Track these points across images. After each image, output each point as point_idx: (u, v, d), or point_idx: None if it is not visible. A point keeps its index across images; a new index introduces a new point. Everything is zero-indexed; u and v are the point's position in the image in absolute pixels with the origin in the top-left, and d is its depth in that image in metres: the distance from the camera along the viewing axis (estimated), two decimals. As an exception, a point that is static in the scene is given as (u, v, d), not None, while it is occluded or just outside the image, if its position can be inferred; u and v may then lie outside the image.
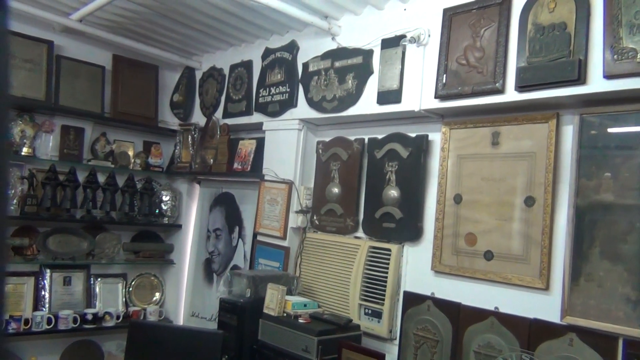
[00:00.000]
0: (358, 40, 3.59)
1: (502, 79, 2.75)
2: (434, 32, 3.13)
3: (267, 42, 4.38)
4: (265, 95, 4.27)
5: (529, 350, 2.63)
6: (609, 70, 2.36)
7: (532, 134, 2.80)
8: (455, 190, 3.10)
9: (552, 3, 2.60)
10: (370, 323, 3.39)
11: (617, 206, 2.45)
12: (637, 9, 2.32)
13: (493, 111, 2.95)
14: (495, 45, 2.81)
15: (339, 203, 3.76)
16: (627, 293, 2.37)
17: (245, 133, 4.67)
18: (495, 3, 2.84)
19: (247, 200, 4.62)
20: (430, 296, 3.15)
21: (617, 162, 2.46)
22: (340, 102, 3.63)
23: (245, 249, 4.56)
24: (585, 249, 2.53)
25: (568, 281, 2.55)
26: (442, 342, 3.04)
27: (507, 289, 2.82)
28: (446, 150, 3.16)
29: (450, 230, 3.09)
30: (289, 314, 3.27)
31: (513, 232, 2.82)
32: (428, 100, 3.10)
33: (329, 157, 3.87)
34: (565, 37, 2.54)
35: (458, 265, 3.04)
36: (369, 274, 3.45)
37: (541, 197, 2.72)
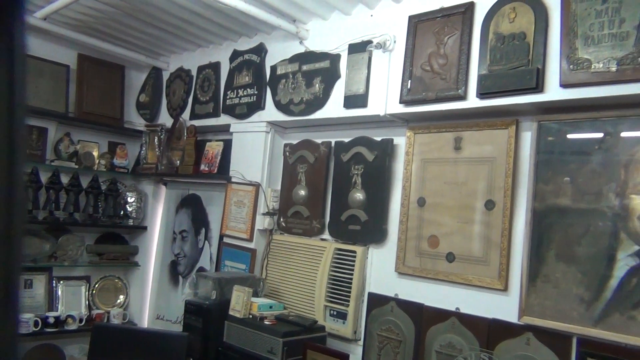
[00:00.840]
0: (325, 44, 3.63)
1: (464, 85, 2.83)
2: (400, 38, 3.20)
3: (235, 44, 4.39)
4: (232, 97, 4.27)
5: (488, 350, 2.71)
6: (565, 80, 2.46)
7: (493, 140, 2.88)
8: (419, 193, 3.17)
9: (513, 13, 2.70)
10: (335, 324, 3.43)
11: (572, 210, 2.54)
12: (592, 21, 2.42)
13: (456, 117, 3.03)
14: (458, 52, 2.89)
15: (306, 205, 3.79)
16: (581, 294, 2.47)
17: (213, 135, 4.66)
18: (459, 12, 2.92)
19: (214, 202, 4.61)
20: (394, 297, 3.21)
21: (572, 168, 2.56)
22: (308, 105, 3.66)
23: (212, 251, 4.55)
24: (542, 251, 2.62)
25: (525, 282, 2.64)
26: (405, 342, 3.10)
27: (467, 290, 2.90)
28: (410, 154, 3.22)
29: (413, 233, 3.16)
30: (254, 316, 3.28)
31: (474, 235, 2.90)
32: (393, 105, 3.17)
33: (296, 159, 3.90)
34: (524, 47, 2.63)
35: (421, 266, 3.10)
36: (334, 275, 3.49)
37: (501, 201, 2.81)
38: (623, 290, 2.34)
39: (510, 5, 2.71)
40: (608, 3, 2.38)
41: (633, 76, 2.27)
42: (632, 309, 2.31)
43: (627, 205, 2.37)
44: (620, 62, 2.30)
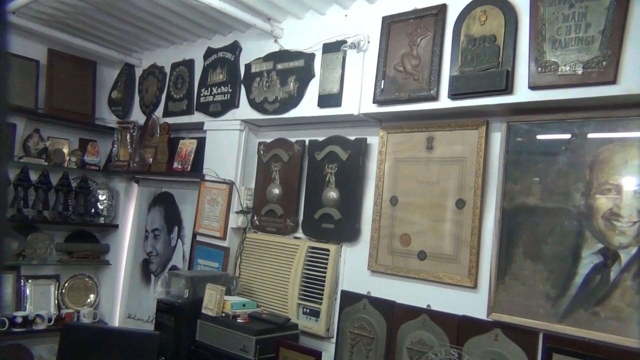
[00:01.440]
0: (300, 43, 3.64)
1: (436, 86, 2.88)
2: (374, 38, 3.23)
3: (210, 42, 4.37)
4: (207, 94, 4.25)
5: (458, 346, 2.76)
6: (533, 82, 2.53)
7: (464, 140, 2.94)
8: (392, 192, 3.20)
9: (484, 16, 2.75)
10: (308, 322, 3.45)
11: (540, 209, 2.61)
12: (560, 25, 2.49)
13: (428, 117, 3.07)
14: (430, 54, 2.94)
15: (280, 204, 3.80)
16: (547, 291, 2.53)
17: (186, 132, 4.63)
18: (431, 14, 2.96)
19: (187, 200, 4.58)
20: (367, 295, 3.24)
21: (540, 168, 2.63)
22: (282, 104, 3.67)
23: (184, 250, 4.52)
24: (510, 249, 2.68)
25: (494, 280, 2.70)
26: (376, 339, 3.13)
27: (438, 288, 2.95)
28: (384, 154, 3.26)
29: (386, 231, 3.20)
30: (227, 314, 3.28)
31: (445, 233, 2.95)
32: (367, 104, 3.20)
33: (270, 158, 3.90)
34: (494, 49, 2.68)
35: (393, 264, 3.14)
36: (307, 273, 3.50)
37: (471, 200, 2.86)
38: (587, 287, 2.42)
39: (481, 8, 2.76)
40: (575, 8, 2.44)
41: (598, 79, 2.34)
42: (595, 305, 2.38)
43: (592, 204, 2.45)
44: (586, 65, 2.37)
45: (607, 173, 2.42)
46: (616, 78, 2.30)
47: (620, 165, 2.39)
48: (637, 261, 2.30)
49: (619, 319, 2.31)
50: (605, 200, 2.42)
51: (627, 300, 2.31)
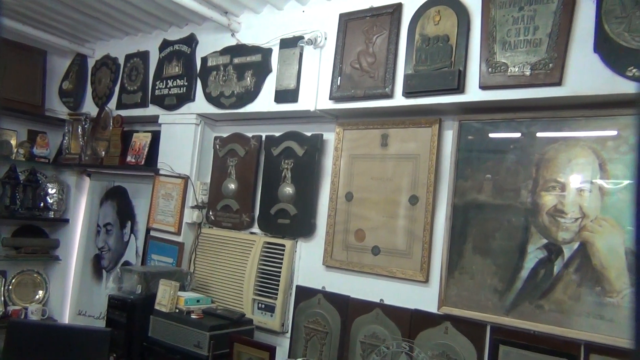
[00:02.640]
0: (257, 38, 3.62)
1: (391, 84, 2.92)
2: (330, 35, 3.24)
3: (165, 34, 4.30)
4: (162, 87, 4.18)
5: (410, 339, 2.82)
6: (483, 82, 2.60)
7: (417, 137, 2.99)
8: (347, 188, 3.24)
9: (437, 16, 2.80)
10: (263, 317, 3.45)
11: (488, 205, 2.69)
12: (509, 27, 2.56)
13: (383, 114, 3.12)
14: (386, 52, 2.98)
15: (235, 199, 3.78)
16: (495, 284, 2.62)
17: (140, 125, 4.54)
18: (387, 12, 3.00)
19: (141, 194, 4.50)
20: (321, 290, 3.27)
21: (489, 166, 2.71)
22: (239, 98, 3.65)
23: (138, 245, 4.44)
24: (460, 244, 2.75)
25: (445, 274, 2.77)
26: (331, 333, 3.17)
27: (391, 282, 3.00)
28: (339, 150, 3.29)
29: (341, 227, 3.23)
30: (181, 310, 3.24)
31: (398, 229, 3.00)
32: (323, 101, 3.21)
33: (226, 153, 3.88)
34: (447, 49, 2.74)
35: (348, 259, 3.18)
36: (263, 269, 3.50)
37: (424, 196, 2.92)
38: (532, 281, 2.51)
39: (435, 8, 2.82)
40: (524, 11, 2.52)
41: (545, 80, 2.43)
42: (539, 298, 2.47)
43: (538, 201, 2.54)
44: (534, 67, 2.46)
45: (552, 171, 2.52)
46: (562, 80, 2.39)
47: (565, 163, 2.49)
48: (578, 256, 2.41)
49: (562, 312, 2.42)
50: (550, 198, 2.51)
51: (569, 294, 2.41)
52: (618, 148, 2.37)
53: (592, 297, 2.35)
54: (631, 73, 2.22)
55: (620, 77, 2.25)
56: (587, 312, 2.36)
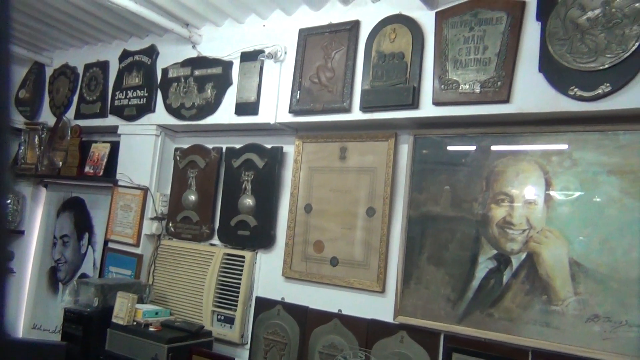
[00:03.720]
0: (218, 50, 3.65)
1: (349, 99, 2.99)
2: (290, 49, 3.30)
3: (126, 44, 4.28)
4: (121, 98, 4.16)
5: (366, 348, 2.87)
6: (436, 98, 2.69)
7: (375, 151, 3.07)
8: (306, 200, 3.29)
9: (393, 34, 2.90)
10: (222, 329, 3.45)
11: (441, 217, 2.78)
12: (461, 46, 2.67)
13: (341, 128, 3.19)
14: (344, 67, 3.05)
15: (196, 210, 3.78)
16: (448, 294, 2.70)
17: (99, 136, 4.49)
18: (345, 29, 3.08)
19: (99, 205, 4.44)
20: (281, 301, 3.30)
21: (442, 179, 2.80)
22: (199, 110, 3.66)
23: (95, 257, 4.38)
24: (415, 255, 2.83)
25: (400, 284, 2.84)
26: (290, 344, 3.20)
27: (349, 293, 3.06)
28: (299, 162, 3.34)
29: (300, 238, 3.27)
30: (139, 323, 3.22)
31: (356, 240, 3.07)
32: (283, 114, 3.26)
33: (187, 164, 3.88)
34: (402, 66, 2.83)
35: (307, 271, 3.22)
36: (223, 280, 3.51)
37: (380, 208, 2.99)
38: (482, 290, 2.60)
39: (391, 26, 2.91)
40: (474, 31, 2.64)
41: (494, 98, 2.54)
42: (489, 307, 2.57)
43: (488, 213, 2.64)
44: (483, 84, 2.57)
45: (502, 184, 2.63)
46: (509, 97, 2.51)
47: (513, 177, 2.60)
48: (526, 266, 2.51)
49: (510, 319, 2.51)
50: (499, 210, 2.62)
51: (517, 302, 2.51)
52: (562, 163, 2.49)
53: (539, 305, 2.46)
54: (573, 92, 2.35)
55: (563, 95, 2.38)
56: (534, 319, 2.46)
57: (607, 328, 2.30)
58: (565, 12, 2.41)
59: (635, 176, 2.33)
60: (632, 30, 2.25)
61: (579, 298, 2.38)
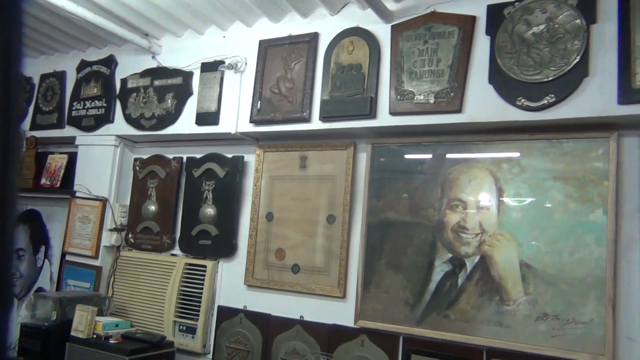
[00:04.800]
0: (178, 61, 3.67)
1: (309, 109, 3.07)
2: (251, 60, 3.36)
3: (83, 54, 4.24)
4: (79, 108, 4.11)
5: (328, 353, 2.93)
6: (393, 108, 2.79)
7: (334, 159, 3.15)
8: (268, 208, 3.33)
9: (351, 46, 2.99)
10: (184, 339, 3.44)
11: (399, 223, 2.87)
12: (415, 58, 2.78)
13: (301, 137, 3.25)
14: (303, 78, 3.12)
15: (156, 221, 3.77)
16: (406, 297, 2.79)
17: (56, 147, 4.42)
18: (305, 41, 3.16)
19: (56, 218, 4.36)
20: (243, 309, 3.32)
21: (399, 186, 2.90)
22: (160, 120, 3.67)
23: (52, 270, 4.29)
24: (374, 260, 2.91)
25: (360, 289, 2.91)
26: (252, 352, 3.22)
27: (311, 299, 3.11)
28: (260, 171, 3.38)
29: (262, 246, 3.31)
30: (99, 335, 3.18)
31: (317, 247, 3.13)
32: (244, 124, 3.31)
33: (147, 174, 3.86)
34: (360, 77, 2.93)
35: (269, 278, 3.26)
36: (184, 290, 3.51)
37: (340, 216, 3.07)
38: (439, 293, 2.70)
39: (349, 38, 3.00)
40: (428, 44, 2.75)
41: (447, 108, 2.65)
42: (446, 308, 2.67)
43: (443, 219, 2.75)
44: (437, 95, 2.68)
45: (456, 191, 2.74)
46: (461, 107, 2.63)
47: (466, 183, 2.72)
48: (479, 268, 2.62)
49: (466, 320, 2.62)
50: (454, 215, 2.73)
51: (471, 303, 2.62)
52: (512, 169, 2.62)
53: (492, 306, 2.57)
54: (520, 103, 2.48)
55: (512, 106, 2.51)
56: (488, 319, 2.57)
57: (556, 326, 2.43)
58: (512, 27, 2.55)
59: (579, 182, 2.47)
60: (574, 45, 2.41)
61: (529, 298, 2.50)
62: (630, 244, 2.38)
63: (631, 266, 2.36)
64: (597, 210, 2.42)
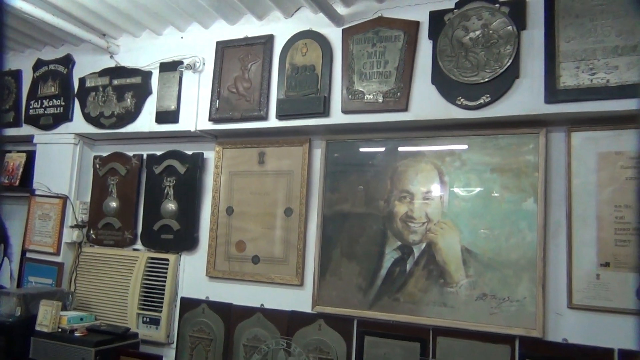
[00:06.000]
0: (137, 60, 3.76)
1: (266, 107, 3.22)
2: (209, 61, 3.48)
3: (39, 53, 4.26)
4: (37, 107, 4.14)
5: (288, 337, 3.12)
6: (345, 107, 2.99)
7: (291, 155, 3.32)
8: (228, 203, 3.48)
9: (305, 48, 3.16)
10: (148, 330, 3.56)
11: (352, 214, 3.08)
12: (365, 60, 2.98)
13: (259, 134, 3.41)
14: (260, 78, 3.28)
15: (117, 217, 3.86)
16: (360, 283, 3.00)
17: (13, 145, 4.42)
18: (260, 42, 3.31)
19: (15, 216, 4.37)
20: (205, 300, 3.47)
21: (353, 179, 3.10)
22: (119, 119, 3.75)
23: (12, 268, 4.31)
24: (330, 250, 3.11)
25: (317, 277, 3.11)
26: (215, 340, 3.37)
27: (271, 288, 3.28)
28: (219, 167, 3.52)
29: (223, 239, 3.46)
30: (64, 329, 3.27)
31: (276, 239, 3.30)
32: (203, 122, 3.44)
33: (107, 171, 3.94)
34: (314, 77, 3.11)
35: (230, 269, 3.41)
36: (147, 284, 3.62)
37: (297, 208, 3.25)
38: (389, 278, 2.92)
39: (302, 41, 3.17)
40: (376, 47, 2.95)
41: (394, 107, 2.86)
42: (396, 292, 2.89)
43: (392, 209, 2.97)
44: (385, 95, 2.89)
45: (404, 183, 2.96)
46: (407, 106, 2.84)
47: (413, 176, 2.94)
48: (425, 254, 2.86)
49: (414, 302, 2.85)
50: (402, 206, 2.95)
51: (419, 287, 2.85)
52: (453, 163, 2.86)
53: (437, 288, 2.81)
54: (460, 102, 2.71)
55: (452, 105, 2.75)
56: (434, 301, 2.81)
57: (493, 304, 2.69)
58: (452, 33, 2.78)
59: (513, 173, 2.73)
60: (506, 49, 2.65)
61: (469, 280, 2.75)
62: (558, 229, 2.65)
63: (558, 249, 2.64)
64: (529, 199, 2.69)
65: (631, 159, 2.52)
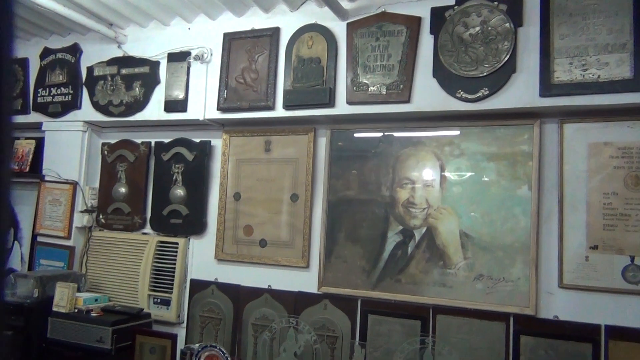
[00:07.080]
0: (145, 50, 3.86)
1: (272, 98, 3.36)
2: (216, 52, 3.60)
3: (46, 42, 4.34)
4: (45, 95, 4.23)
5: (295, 315, 3.30)
6: (349, 98, 3.13)
7: (296, 144, 3.47)
8: (235, 189, 3.63)
9: (310, 41, 3.29)
10: (159, 311, 3.73)
11: (357, 200, 3.24)
12: (369, 54, 3.12)
13: (266, 123, 3.55)
14: (267, 69, 3.40)
15: (126, 202, 3.99)
16: (363, 265, 3.18)
17: (21, 132, 4.52)
18: (267, 34, 3.43)
19: (24, 201, 4.49)
20: (214, 281, 3.63)
21: (357, 167, 3.26)
22: (128, 107, 3.86)
23: (23, 252, 4.44)
24: (334, 233, 3.28)
25: (323, 260, 3.28)
26: (224, 320, 3.55)
27: (277, 270, 3.46)
28: (227, 155, 3.66)
29: (230, 224, 3.62)
30: (80, 310, 3.43)
31: (282, 223, 3.46)
32: (211, 111, 3.56)
33: (115, 158, 4.06)
34: (319, 69, 3.24)
35: (238, 252, 3.58)
36: (157, 266, 3.78)
37: (303, 194, 3.40)
38: (391, 260, 3.10)
39: (308, 34, 3.30)
40: (380, 41, 3.09)
41: (397, 98, 3.01)
42: (397, 273, 3.08)
43: (394, 196, 3.14)
44: (388, 87, 3.03)
45: (405, 171, 3.13)
46: (410, 98, 2.99)
47: (414, 164, 3.11)
48: (426, 238, 3.04)
49: (414, 283, 3.03)
50: (403, 192, 3.12)
51: (419, 268, 3.03)
52: (452, 152, 3.02)
53: (437, 270, 2.99)
54: (459, 95, 2.87)
55: (452, 97, 2.90)
56: (433, 282, 2.99)
57: (489, 284, 2.88)
58: (452, 28, 2.92)
59: (508, 162, 2.90)
60: (504, 45, 2.80)
61: (467, 262, 2.93)
62: (550, 214, 2.84)
63: (550, 233, 2.83)
64: (523, 186, 2.86)
65: (619, 149, 2.70)
